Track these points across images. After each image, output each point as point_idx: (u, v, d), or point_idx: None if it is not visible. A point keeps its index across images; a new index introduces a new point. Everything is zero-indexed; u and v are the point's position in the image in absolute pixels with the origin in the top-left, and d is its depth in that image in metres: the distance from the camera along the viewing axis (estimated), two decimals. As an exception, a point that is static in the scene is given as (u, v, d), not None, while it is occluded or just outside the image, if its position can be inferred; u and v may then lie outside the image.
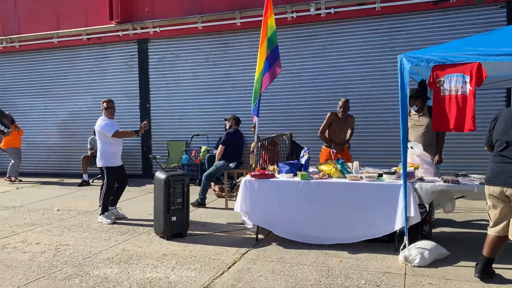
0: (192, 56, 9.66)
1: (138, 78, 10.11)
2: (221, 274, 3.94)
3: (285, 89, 8.92)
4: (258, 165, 5.46)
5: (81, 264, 4.30)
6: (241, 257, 4.41)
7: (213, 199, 7.35)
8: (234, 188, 7.16)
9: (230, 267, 4.13)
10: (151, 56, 10.00)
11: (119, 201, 6.42)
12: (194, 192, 8.22)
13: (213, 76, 9.51)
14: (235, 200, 7.16)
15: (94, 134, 9.70)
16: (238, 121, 7.08)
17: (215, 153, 8.61)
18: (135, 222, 6.01)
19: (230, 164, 6.66)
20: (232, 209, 6.65)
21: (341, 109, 6.19)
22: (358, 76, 8.47)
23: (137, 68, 10.11)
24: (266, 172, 4.90)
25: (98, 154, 6.17)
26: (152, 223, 5.77)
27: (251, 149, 5.72)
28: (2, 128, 2.55)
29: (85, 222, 6.06)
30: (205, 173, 6.75)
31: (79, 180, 9.53)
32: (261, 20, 8.79)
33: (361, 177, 4.60)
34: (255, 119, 5.75)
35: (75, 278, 3.92)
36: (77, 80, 10.62)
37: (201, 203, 6.69)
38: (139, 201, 7.56)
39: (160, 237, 5.17)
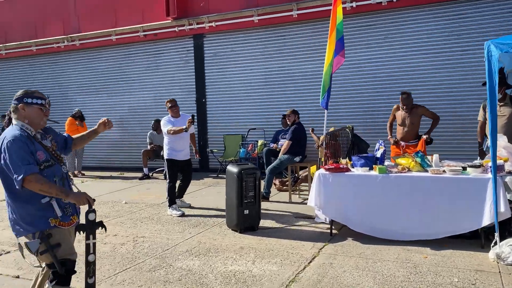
0: (248, 50, 9.64)
1: (194, 73, 10.23)
2: (304, 269, 3.90)
3: (346, 80, 8.71)
4: (330, 159, 5.37)
5: (162, 256, 4.39)
6: (319, 251, 4.35)
7: (274, 193, 7.32)
8: (297, 182, 7.09)
9: (310, 261, 4.08)
10: (207, 51, 10.08)
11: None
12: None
13: (269, 70, 9.46)
14: (298, 194, 7.22)
15: (153, 129, 9.96)
16: (298, 114, 7.00)
17: (272, 147, 8.62)
18: (203, 214, 6.08)
19: (296, 158, 6.60)
20: (297, 203, 6.66)
21: (403, 105, 6.10)
22: (425, 66, 8.12)
23: (193, 63, 10.22)
24: (340, 166, 4.80)
25: (164, 147, 6.46)
26: (220, 215, 5.87)
27: (320, 143, 5.64)
28: (39, 101, 2.64)
29: (155, 214, 6.20)
30: (269, 167, 6.73)
31: (138, 174, 9.81)
32: (318, 11, 8.75)
33: (444, 171, 4.41)
34: (324, 111, 5.65)
35: (160, 270, 4.00)
36: (135, 76, 10.88)
37: (265, 197, 6.68)
38: (202, 194, 7.66)
39: (232, 230, 5.20)
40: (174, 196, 6.30)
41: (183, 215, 6.07)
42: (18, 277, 3.93)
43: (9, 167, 2.58)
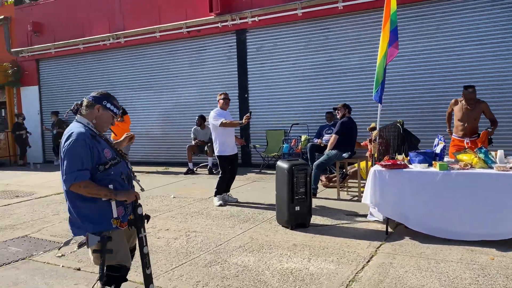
0: (291, 44, 9.53)
1: (236, 69, 10.22)
2: (362, 268, 3.78)
3: (396, 73, 8.41)
4: (382, 156, 5.20)
5: (216, 251, 4.38)
6: (376, 250, 4.21)
7: (321, 189, 7.19)
8: (345, 178, 6.93)
9: (368, 261, 3.96)
10: (250, 46, 10.04)
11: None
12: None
13: (313, 64, 9.31)
14: (346, 191, 7.05)
15: (197, 125, 10.03)
16: (350, 109, 6.82)
17: (317, 142, 8.48)
18: (251, 210, 6.06)
19: (344, 154, 6.44)
20: (345, 200, 6.51)
21: (467, 100, 5.80)
22: (484, 58, 7.73)
23: (235, 58, 10.22)
24: (398, 162, 4.63)
25: (214, 143, 6.41)
26: (269, 211, 5.85)
27: (373, 138, 5.47)
28: (115, 110, 2.62)
29: (204, 209, 6.23)
30: (316, 162, 6.61)
31: (183, 169, 9.93)
32: (364, 3, 8.51)
33: (511, 168, 4.16)
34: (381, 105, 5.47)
35: (216, 266, 3.99)
36: (179, 73, 11.00)
37: (312, 193, 6.56)
38: (247, 189, 7.64)
39: (283, 226, 5.14)
40: (222, 189, 6.40)
41: (222, 205, 6.26)
42: (79, 269, 4.02)
43: (64, 165, 2.57)
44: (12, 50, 13.76)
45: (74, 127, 2.68)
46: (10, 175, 10.93)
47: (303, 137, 9.14)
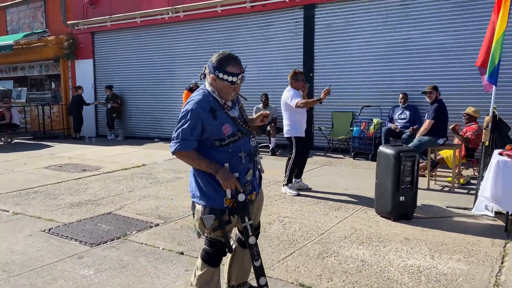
0: (366, 21, 8.94)
1: (302, 46, 9.74)
2: (500, 270, 3.37)
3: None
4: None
5: (321, 241, 4.06)
6: (504, 250, 3.78)
7: (402, 177, 6.72)
8: (436, 166, 6.44)
9: (502, 262, 3.54)
10: (318, 22, 9.51)
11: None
12: (370, 168, 7.82)
13: (390, 42, 8.71)
14: (434, 180, 6.54)
15: (263, 104, 9.67)
16: (439, 91, 6.28)
17: (392, 127, 7.98)
18: (337, 196, 5.69)
19: (439, 140, 5.96)
20: (436, 190, 6.03)
21: None
22: None
23: (302, 35, 9.72)
24: (527, 152, 4.13)
25: (285, 124, 5.96)
26: (356, 198, 5.56)
27: (485, 125, 4.97)
28: (231, 78, 2.35)
29: (284, 193, 5.89)
30: (405, 149, 6.14)
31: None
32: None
33: None
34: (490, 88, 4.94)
35: (329, 258, 3.67)
36: (241, 49, 10.57)
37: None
38: (321, 173, 7.27)
39: (382, 217, 4.76)
40: (293, 175, 5.96)
41: (298, 194, 5.78)
42: (182, 253, 3.79)
43: (175, 130, 2.50)
44: (68, 22, 13.70)
45: (197, 95, 2.54)
46: (69, 148, 10.96)
47: (375, 120, 8.63)
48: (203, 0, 10.82)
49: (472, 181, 6.44)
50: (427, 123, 6.02)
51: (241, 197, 2.50)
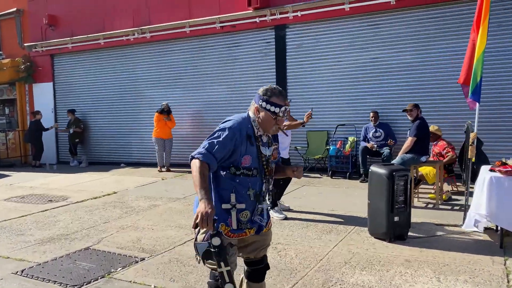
0: (336, 41, 9.03)
1: (274, 66, 9.70)
2: (509, 290, 3.32)
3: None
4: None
5: (322, 268, 3.87)
6: (505, 267, 3.75)
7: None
8: (419, 184, 6.46)
9: (508, 281, 3.49)
10: (289, 42, 9.52)
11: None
12: (351, 187, 7.77)
13: (359, 61, 8.82)
14: (417, 197, 6.52)
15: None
16: (420, 109, 6.36)
17: (369, 146, 7.99)
18: (324, 217, 5.55)
19: (422, 158, 5.98)
20: (420, 207, 6.02)
21: None
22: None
23: (273, 55, 9.68)
24: (518, 168, 4.17)
25: None
26: (343, 219, 5.50)
27: (470, 141, 5.02)
28: (274, 109, 2.28)
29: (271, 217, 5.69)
30: (387, 167, 6.13)
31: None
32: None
33: None
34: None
35: (336, 286, 3.48)
36: (210, 70, 10.42)
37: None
38: (302, 194, 7.14)
39: (377, 238, 4.64)
40: (277, 199, 5.81)
41: (286, 218, 5.60)
42: (177, 291, 3.48)
43: (206, 139, 2.43)
44: (25, 44, 13.04)
45: (239, 116, 2.49)
46: (29, 176, 10.25)
47: (351, 139, 8.66)
48: (171, 20, 10.61)
49: (453, 197, 6.51)
50: (409, 141, 6.06)
51: (216, 241, 2.22)
